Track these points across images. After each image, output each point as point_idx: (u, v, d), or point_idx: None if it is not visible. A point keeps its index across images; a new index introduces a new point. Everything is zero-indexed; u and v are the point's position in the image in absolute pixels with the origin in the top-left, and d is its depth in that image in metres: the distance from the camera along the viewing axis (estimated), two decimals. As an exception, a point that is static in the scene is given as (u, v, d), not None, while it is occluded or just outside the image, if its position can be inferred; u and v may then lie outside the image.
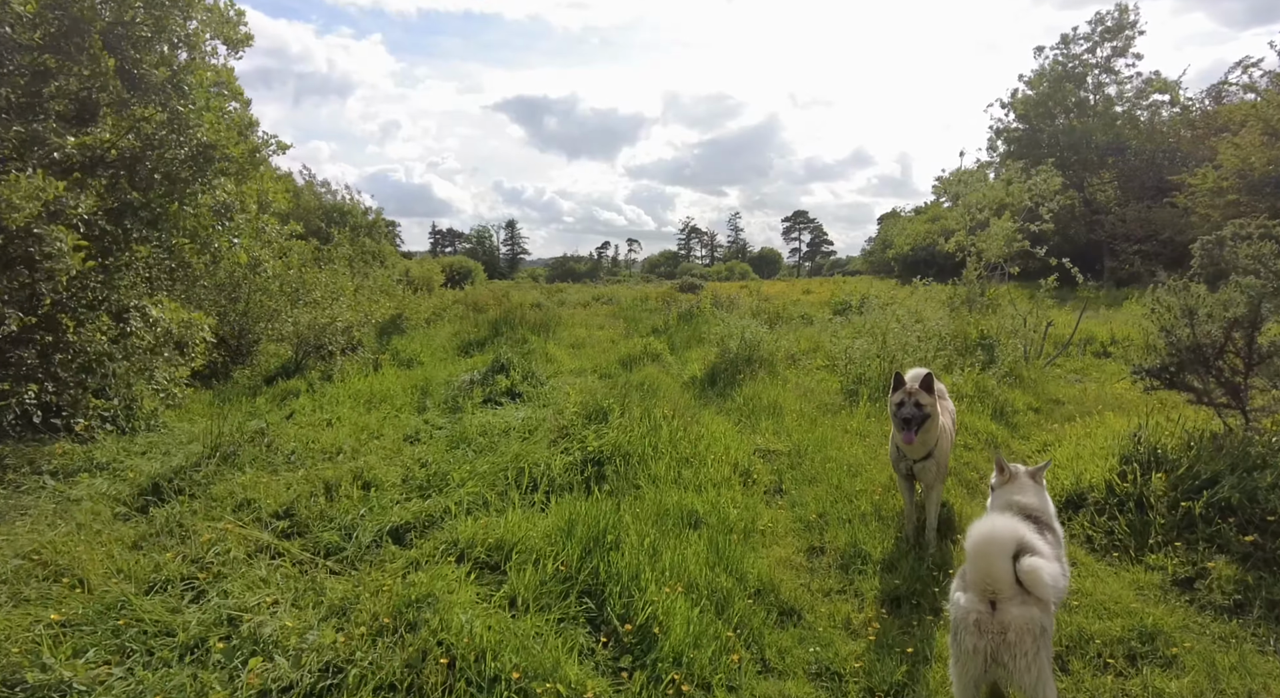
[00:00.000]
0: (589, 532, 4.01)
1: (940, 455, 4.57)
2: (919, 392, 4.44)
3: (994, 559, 2.59)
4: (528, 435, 6.24)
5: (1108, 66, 34.92)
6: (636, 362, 11.53)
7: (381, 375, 10.01)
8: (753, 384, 9.31)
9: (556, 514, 4.34)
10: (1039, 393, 8.91)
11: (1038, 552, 2.60)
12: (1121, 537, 4.32)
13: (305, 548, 4.16)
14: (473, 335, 12.58)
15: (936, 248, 49.63)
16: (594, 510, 4.30)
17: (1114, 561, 4.20)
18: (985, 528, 2.66)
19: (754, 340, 10.44)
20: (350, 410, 7.93)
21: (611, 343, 14.51)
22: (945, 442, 4.65)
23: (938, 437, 4.52)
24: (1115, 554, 4.22)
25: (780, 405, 8.24)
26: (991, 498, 3.49)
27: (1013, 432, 7.31)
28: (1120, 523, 4.39)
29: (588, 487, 5.19)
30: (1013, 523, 2.68)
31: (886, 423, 7.39)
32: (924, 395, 4.43)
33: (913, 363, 9.18)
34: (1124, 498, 4.52)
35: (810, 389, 9.28)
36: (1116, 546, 4.30)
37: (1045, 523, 3.13)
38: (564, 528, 4.09)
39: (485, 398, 7.98)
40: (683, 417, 6.97)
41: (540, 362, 11.19)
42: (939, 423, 4.52)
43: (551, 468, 5.30)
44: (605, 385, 10.07)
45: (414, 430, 6.80)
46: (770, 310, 17.56)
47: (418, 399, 8.61)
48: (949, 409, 5.18)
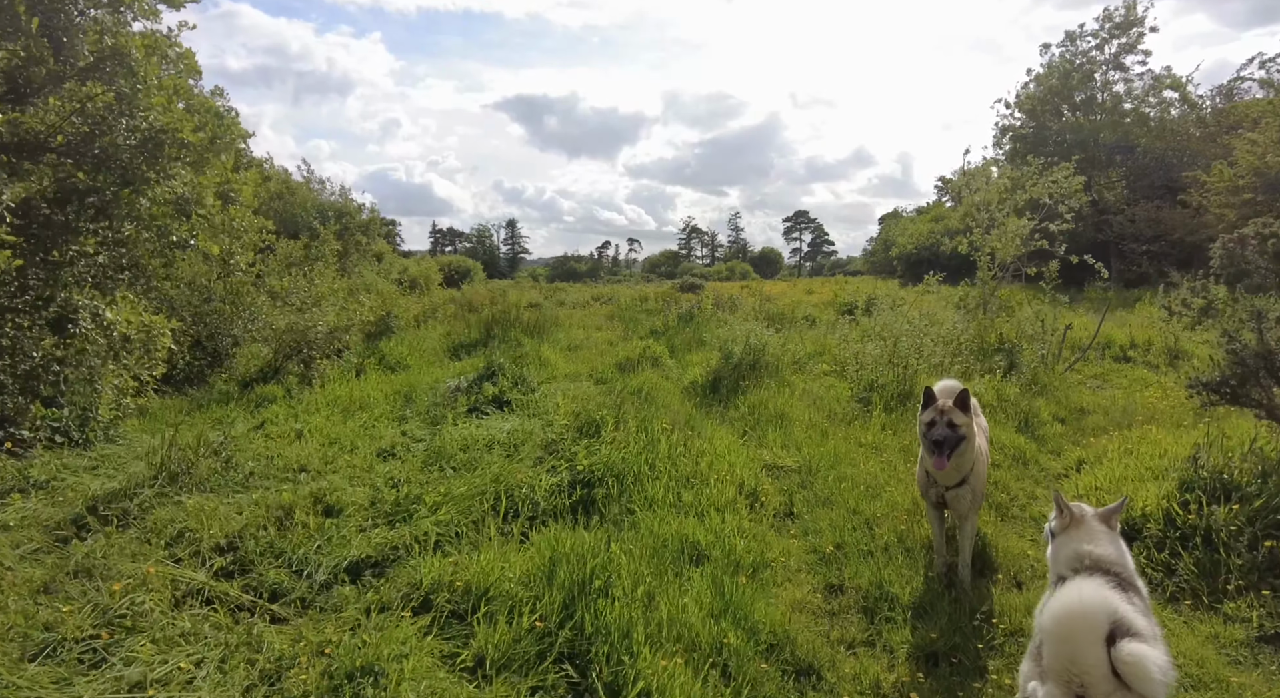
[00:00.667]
0: (574, 574, 3.44)
1: (976, 482, 4.01)
2: (953, 410, 3.88)
3: (1082, 644, 2.01)
4: (513, 451, 5.68)
5: (1116, 63, 34.33)
6: (634, 366, 10.97)
7: (364, 381, 9.45)
8: (757, 391, 8.75)
9: (538, 550, 3.78)
10: (1063, 402, 8.35)
11: (1139, 633, 2.03)
12: (1189, 578, 3.75)
13: (248, 589, 3.60)
14: (464, 337, 12.02)
15: (940, 248, 49.39)
16: (581, 546, 3.74)
17: (1183, 609, 3.62)
18: (1070, 602, 2.08)
19: (758, 345, 9.88)
20: (326, 420, 7.36)
21: (609, 345, 13.95)
22: (981, 466, 4.10)
23: (973, 461, 3.97)
24: (1186, 602, 3.64)
25: (787, 415, 7.68)
26: (1051, 547, 2.87)
27: (1041, 446, 6.74)
28: (1186, 561, 3.82)
29: (576, 513, 4.63)
30: (1104, 595, 2.10)
31: (903, 435, 6.83)
32: (958, 414, 3.87)
33: (927, 370, 8.62)
34: (1188, 532, 3.95)
35: (819, 397, 8.72)
36: (1184, 589, 3.73)
37: (1127, 580, 2.53)
38: (545, 569, 3.52)
39: (471, 407, 7.42)
40: (683, 430, 6.40)
41: (533, 366, 10.63)
42: (974, 445, 3.96)
43: (536, 491, 4.73)
44: (601, 392, 9.53)
45: (390, 444, 6.23)
46: (773, 312, 16.98)
47: (400, 407, 8.04)
48: (983, 427, 4.61)
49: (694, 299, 23.33)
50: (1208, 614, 3.53)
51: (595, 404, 7.40)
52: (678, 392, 9.74)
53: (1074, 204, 11.08)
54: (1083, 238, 30.94)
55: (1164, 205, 28.64)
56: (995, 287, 11.22)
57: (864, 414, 7.75)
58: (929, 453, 3.93)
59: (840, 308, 18.69)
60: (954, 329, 9.78)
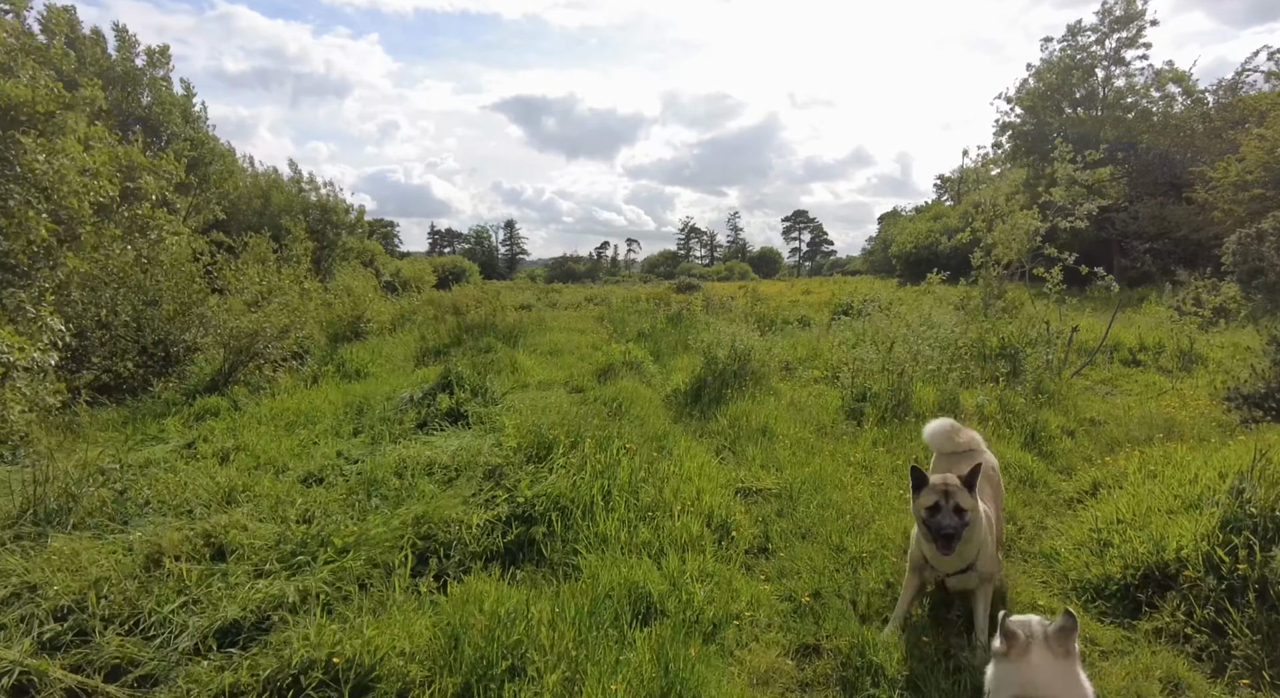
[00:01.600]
0: (479, 650, 2.77)
1: (986, 564, 3.30)
2: (960, 491, 3.14)
3: None
4: (453, 478, 5.00)
5: (1117, 58, 33.66)
6: (613, 372, 10.30)
7: (320, 389, 8.78)
8: (741, 401, 8.08)
9: (448, 614, 3.10)
10: (1072, 411, 7.67)
11: None
12: (1243, 645, 3.06)
13: (81, 665, 2.92)
14: (434, 343, 11.34)
15: (939, 247, 48.81)
16: (500, 606, 3.07)
17: (1238, 687, 2.93)
18: None
19: (744, 350, 9.20)
20: (264, 436, 6.69)
21: (592, 349, 13.28)
22: (992, 542, 3.38)
23: (981, 541, 3.26)
24: (1244, 681, 2.94)
25: (771, 428, 7.00)
26: (991, 673, 2.25)
27: (1049, 464, 6.06)
28: (1237, 622, 3.14)
29: (511, 557, 3.96)
30: None
31: (897, 454, 6.15)
32: (966, 496, 3.14)
33: (924, 376, 7.94)
34: (1237, 584, 3.27)
35: (807, 407, 8.04)
36: (1236, 659, 3.05)
37: None
38: (447, 642, 2.85)
39: (420, 421, 6.74)
40: (649, 449, 5.73)
41: (504, 373, 9.96)
42: (982, 525, 3.26)
43: (466, 530, 4.06)
44: (573, 402, 8.85)
45: (320, 467, 5.55)
46: (766, 313, 16.30)
47: (349, 421, 7.36)
48: (995, 482, 3.93)
49: (685, 300, 22.68)
50: (1273, 695, 2.84)
51: (557, 418, 6.73)
52: (658, 401, 9.09)
53: (1091, 209, 10.38)
54: (1085, 236, 30.15)
55: (1167, 202, 27.96)
56: (1000, 287, 10.55)
57: (855, 428, 7.08)
58: (927, 540, 3.23)
59: (835, 309, 17.99)
60: (952, 332, 9.11)
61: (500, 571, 3.75)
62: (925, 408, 7.24)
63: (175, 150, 10.59)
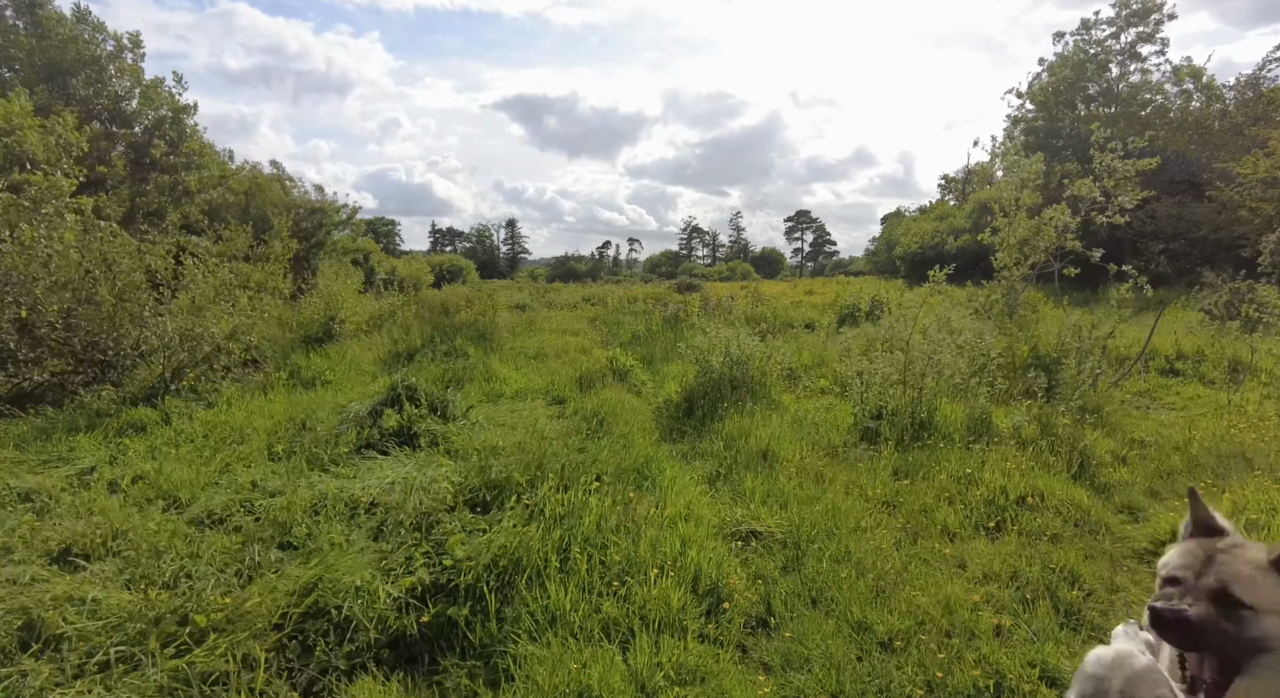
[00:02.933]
0: None
1: None
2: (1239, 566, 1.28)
3: None
4: (381, 525, 4.01)
5: (1132, 53, 32.62)
6: (599, 381, 9.33)
7: (266, 400, 7.80)
8: (738, 416, 7.10)
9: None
10: (1117, 431, 6.69)
11: None
12: None
13: None
14: (404, 346, 10.35)
15: (945, 247, 47.74)
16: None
17: None
18: None
19: (741, 357, 8.22)
20: (180, 459, 5.73)
21: (581, 353, 12.32)
22: None
23: None
24: None
25: (773, 451, 6.02)
26: None
27: (1106, 501, 5.06)
28: None
29: (429, 645, 2.98)
30: None
31: (921, 488, 5.15)
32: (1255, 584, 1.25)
33: (949, 391, 6.94)
34: None
35: (814, 423, 7.06)
36: None
37: None
38: None
39: (362, 443, 5.77)
40: (626, 483, 4.75)
41: (478, 382, 8.99)
42: None
43: (370, 605, 3.08)
44: (551, 415, 7.89)
45: (227, 503, 4.57)
46: (768, 316, 15.30)
47: (288, 440, 6.38)
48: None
49: (683, 300, 21.69)
50: None
51: (525, 439, 5.77)
52: (647, 413, 8.12)
53: (1127, 202, 9.38)
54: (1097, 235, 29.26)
55: (1187, 201, 26.91)
56: (1022, 288, 9.55)
57: (871, 452, 6.10)
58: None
59: (841, 311, 16.98)
60: (978, 340, 8.12)
61: (404, 672, 2.77)
62: (952, 428, 6.25)
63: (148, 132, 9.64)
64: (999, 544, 4.13)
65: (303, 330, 13.46)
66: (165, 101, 13.71)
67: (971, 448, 5.71)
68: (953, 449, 5.69)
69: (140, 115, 13.40)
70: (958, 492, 4.89)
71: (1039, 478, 5.00)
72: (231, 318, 8.90)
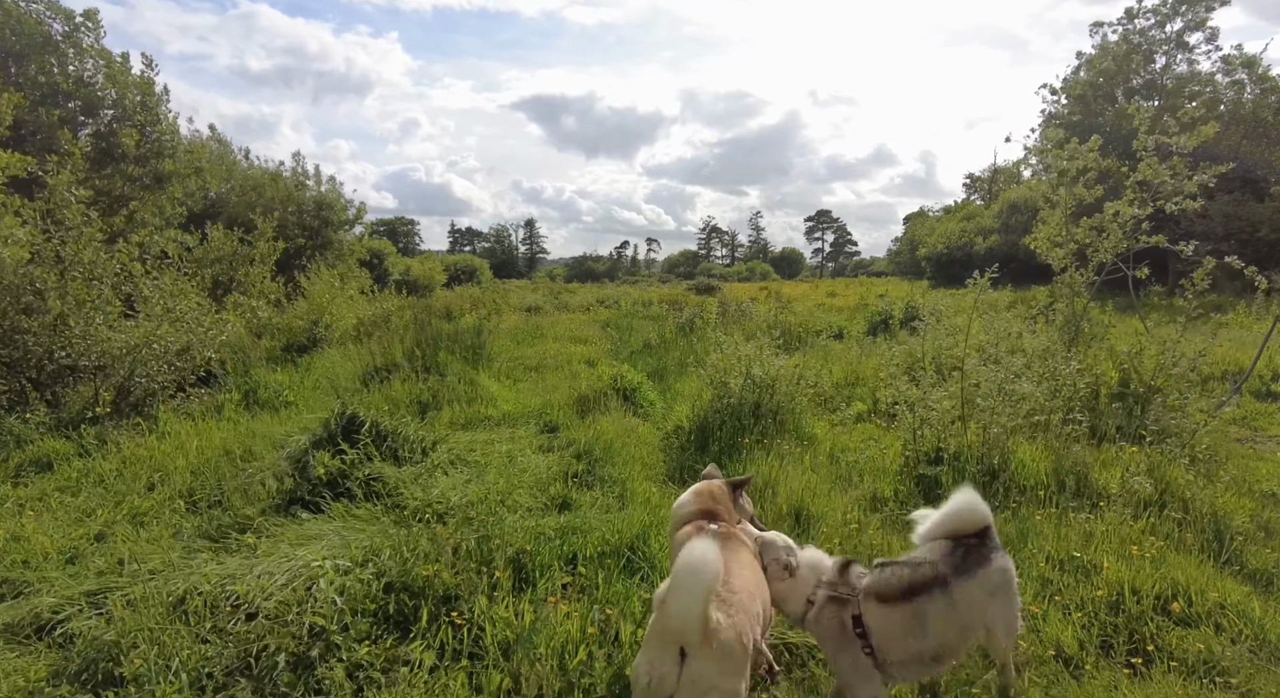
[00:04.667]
0: None
1: None
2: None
3: None
4: (252, 655, 2.81)
5: (1179, 42, 30.73)
6: (600, 401, 8.12)
7: (207, 428, 6.67)
8: (764, 457, 5.83)
9: None
10: (1240, 480, 5.33)
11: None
12: None
13: None
14: (381, 360, 9.18)
15: (974, 248, 45.94)
16: None
17: None
18: None
19: (765, 379, 6.96)
20: (63, 518, 4.60)
21: (585, 364, 11.12)
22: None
23: None
24: None
25: (806, 508, 4.76)
26: None
27: (1269, 598, 3.71)
28: None
29: None
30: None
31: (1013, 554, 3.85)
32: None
33: (1028, 430, 5.59)
34: None
35: (854, 464, 5.78)
36: None
37: None
38: None
39: (289, 497, 4.59)
40: (606, 580, 3.50)
41: (459, 403, 7.79)
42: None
43: None
44: (539, 445, 6.67)
45: (62, 601, 3.37)
46: (792, 324, 13.96)
47: (214, 482, 5.23)
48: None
49: (699, 302, 20.40)
50: None
51: (489, 490, 4.58)
52: (654, 442, 6.94)
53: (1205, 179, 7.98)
54: (1142, 236, 27.48)
55: (1243, 198, 25.11)
56: (1086, 299, 8.17)
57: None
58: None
59: (872, 317, 15.56)
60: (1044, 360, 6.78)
61: None
62: (1035, 480, 4.93)
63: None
64: (1147, 688, 2.84)
65: (285, 338, 12.43)
66: (134, 85, 12.69)
67: (1068, 513, 4.39)
68: (1044, 514, 4.39)
69: (104, 100, 12.42)
70: (1064, 585, 3.59)
71: (1175, 565, 3.67)
72: (189, 330, 7.78)
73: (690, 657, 1.93)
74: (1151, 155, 7.89)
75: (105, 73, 12.47)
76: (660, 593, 2.02)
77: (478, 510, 4.59)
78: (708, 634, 1.93)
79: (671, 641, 1.95)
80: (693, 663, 1.93)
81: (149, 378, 7.41)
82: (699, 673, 1.93)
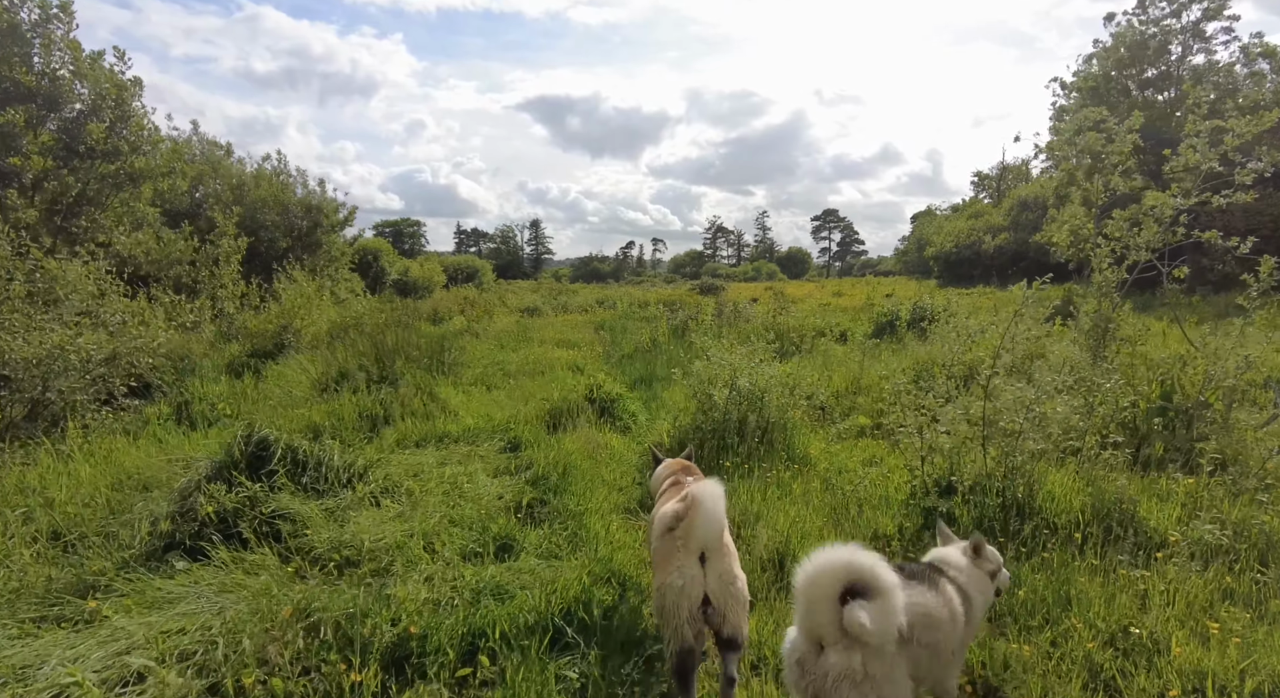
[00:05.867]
0: None
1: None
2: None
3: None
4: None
5: (1196, 31, 29.68)
6: (574, 415, 7.31)
7: (121, 449, 5.90)
8: (746, 484, 5.02)
9: None
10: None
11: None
12: None
13: None
14: (335, 369, 8.37)
15: (982, 246, 44.89)
16: None
17: None
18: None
19: (754, 390, 6.14)
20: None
21: (569, 370, 10.33)
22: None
23: None
24: None
25: (793, 550, 3.94)
26: None
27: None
28: None
29: None
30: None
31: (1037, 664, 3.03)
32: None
33: (1054, 452, 4.74)
34: None
35: (856, 493, 4.95)
36: None
37: None
38: None
39: (168, 541, 3.81)
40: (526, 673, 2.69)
41: (417, 419, 6.99)
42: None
43: None
44: (496, 466, 5.87)
45: None
46: (790, 326, 13.10)
47: (99, 518, 4.45)
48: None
49: (697, 304, 19.58)
50: None
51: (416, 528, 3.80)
52: (631, 460, 6.17)
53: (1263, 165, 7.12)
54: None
55: (1263, 193, 24.09)
56: (1116, 300, 7.30)
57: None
58: None
59: (878, 318, 14.64)
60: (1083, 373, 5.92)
61: None
62: (1067, 517, 4.09)
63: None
64: None
65: (251, 343, 11.69)
66: (106, 78, 11.94)
67: (1112, 563, 3.55)
68: (1082, 564, 3.55)
69: (72, 95, 11.69)
70: (1121, 670, 2.76)
71: (1262, 646, 2.83)
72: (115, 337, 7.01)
73: (711, 559, 2.57)
74: (1204, 141, 7.01)
75: (73, 66, 11.77)
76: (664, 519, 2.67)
77: (397, 557, 3.81)
78: (724, 539, 2.63)
79: (696, 549, 2.56)
80: (715, 562, 2.57)
81: (68, 391, 6.65)
82: (724, 567, 2.59)
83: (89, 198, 12.16)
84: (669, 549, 2.59)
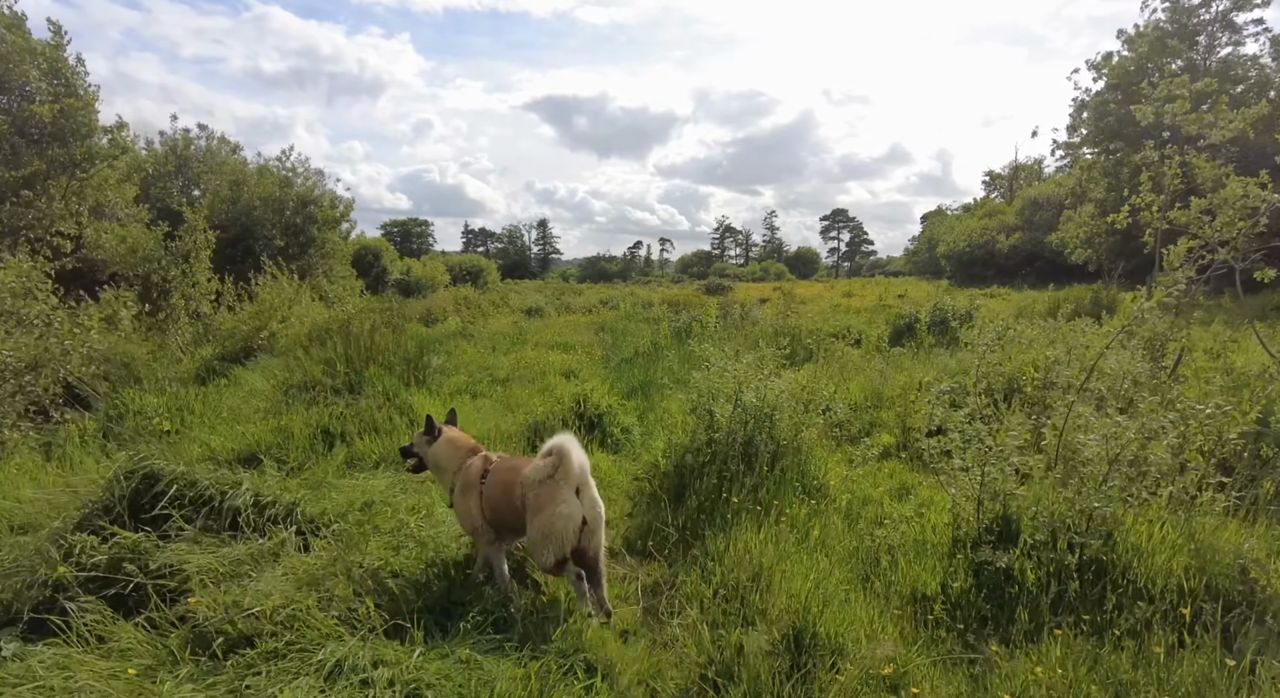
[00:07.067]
0: None
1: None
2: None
3: None
4: None
5: (1226, 22, 28.52)
6: (558, 431, 6.43)
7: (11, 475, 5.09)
8: (752, 527, 4.14)
9: None
10: None
11: None
12: None
13: None
14: (300, 376, 7.53)
15: (996, 246, 43.71)
16: None
17: None
18: None
19: (760, 408, 5.26)
20: None
21: (563, 377, 9.48)
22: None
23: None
24: None
25: (815, 626, 3.07)
26: None
27: None
28: None
29: None
30: None
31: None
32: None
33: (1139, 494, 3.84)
34: None
35: (885, 539, 4.06)
36: None
37: None
38: None
39: (6, 613, 2.97)
40: None
41: (379, 436, 6.14)
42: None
43: None
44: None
45: None
46: (802, 330, 12.17)
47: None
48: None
49: (702, 304, 18.69)
50: None
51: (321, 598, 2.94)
52: (621, 486, 5.33)
53: None
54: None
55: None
56: (1188, 302, 6.36)
57: (1000, 616, 3.11)
58: None
59: (894, 321, 13.66)
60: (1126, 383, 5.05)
61: None
62: (1161, 578, 3.19)
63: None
64: None
65: (220, 347, 10.90)
66: (38, 52, 11.13)
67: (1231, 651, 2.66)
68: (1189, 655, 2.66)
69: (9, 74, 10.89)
70: None
71: None
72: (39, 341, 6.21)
73: (583, 490, 3.26)
74: None
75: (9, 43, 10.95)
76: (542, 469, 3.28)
77: (305, 631, 2.96)
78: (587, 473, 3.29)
79: (572, 484, 3.21)
80: (587, 492, 3.28)
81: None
82: (594, 497, 3.32)
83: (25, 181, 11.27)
84: (551, 490, 3.20)
